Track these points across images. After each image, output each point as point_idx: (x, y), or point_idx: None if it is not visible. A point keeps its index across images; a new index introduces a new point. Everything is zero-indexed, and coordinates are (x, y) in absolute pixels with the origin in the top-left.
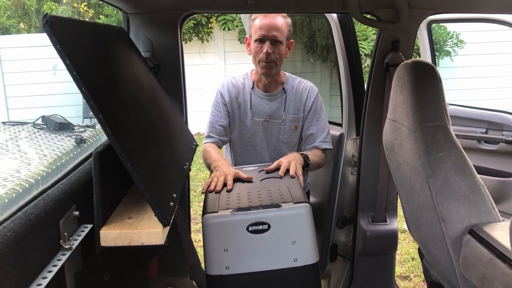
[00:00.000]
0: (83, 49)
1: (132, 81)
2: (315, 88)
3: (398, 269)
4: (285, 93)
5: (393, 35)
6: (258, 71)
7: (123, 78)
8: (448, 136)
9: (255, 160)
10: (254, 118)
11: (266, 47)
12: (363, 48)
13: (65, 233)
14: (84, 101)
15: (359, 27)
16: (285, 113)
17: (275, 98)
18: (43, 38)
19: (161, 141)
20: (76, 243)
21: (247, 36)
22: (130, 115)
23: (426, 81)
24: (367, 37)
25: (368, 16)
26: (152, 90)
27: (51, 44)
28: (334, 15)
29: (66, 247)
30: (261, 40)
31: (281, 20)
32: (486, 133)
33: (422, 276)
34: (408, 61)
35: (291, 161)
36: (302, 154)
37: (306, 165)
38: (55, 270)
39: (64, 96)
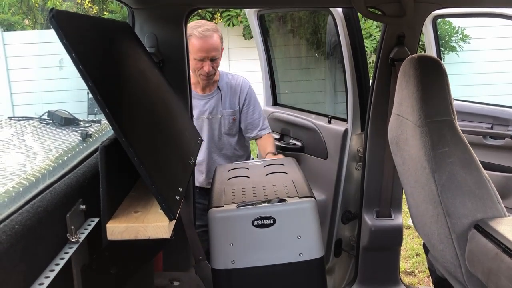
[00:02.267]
0: (89, 44)
1: (137, 76)
2: (246, 81)
3: (403, 265)
4: (220, 90)
5: (399, 29)
6: (197, 79)
7: (128, 72)
8: (454, 131)
9: (200, 157)
10: (196, 117)
11: (207, 66)
12: (367, 46)
13: (72, 227)
14: (89, 97)
15: (362, 25)
16: (223, 108)
17: (212, 97)
18: (48, 34)
19: (167, 136)
20: (83, 236)
21: None
22: (136, 110)
23: (432, 76)
24: (371, 34)
25: (373, 10)
26: (157, 85)
27: (56, 40)
28: (339, 10)
29: (73, 240)
30: (201, 60)
31: (216, 38)
32: (491, 128)
33: (427, 271)
34: (414, 55)
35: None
36: (273, 153)
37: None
38: (62, 263)
39: (69, 92)
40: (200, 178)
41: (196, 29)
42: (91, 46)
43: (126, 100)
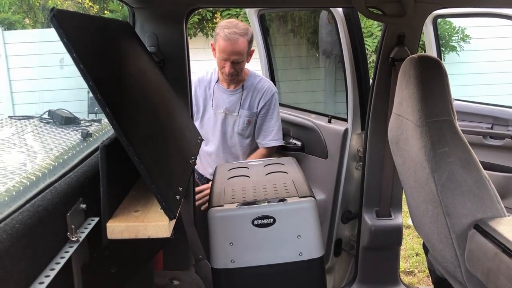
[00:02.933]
0: (90, 43)
1: (138, 75)
2: (272, 89)
3: (403, 265)
4: (243, 90)
5: (399, 29)
6: (220, 76)
7: (129, 72)
8: (453, 131)
9: (209, 149)
10: (214, 108)
11: (228, 67)
12: (368, 44)
13: (72, 226)
14: (89, 96)
15: (364, 23)
16: (240, 108)
17: (234, 94)
18: (49, 33)
19: (167, 135)
20: (83, 235)
21: (212, 42)
22: (136, 109)
23: (432, 76)
24: (372, 33)
25: (374, 10)
26: (158, 85)
27: (56, 39)
28: (340, 9)
29: (73, 239)
30: (224, 60)
31: (242, 43)
32: (491, 128)
33: (427, 271)
34: (414, 55)
35: None
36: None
37: None
38: (62, 262)
39: (69, 92)
40: (210, 170)
41: (224, 30)
42: (91, 45)
43: (126, 100)
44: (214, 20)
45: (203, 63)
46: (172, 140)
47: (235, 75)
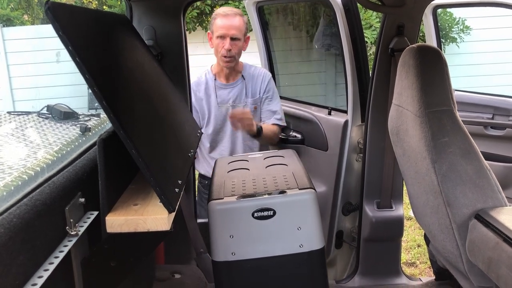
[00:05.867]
0: (86, 36)
1: (135, 69)
2: (268, 73)
3: (404, 256)
4: (244, 79)
5: (398, 20)
6: (220, 63)
7: (126, 65)
8: (454, 121)
9: (227, 143)
10: (220, 105)
11: (227, 43)
12: (367, 36)
13: (71, 220)
14: (89, 92)
15: (362, 15)
16: (246, 97)
17: (236, 86)
18: (48, 29)
19: (166, 128)
20: (82, 229)
21: (208, 32)
22: (134, 102)
23: (432, 66)
24: (371, 25)
25: (373, 0)
26: (156, 78)
27: (55, 34)
28: (339, 0)
29: (72, 233)
30: (222, 37)
31: (238, 20)
32: (492, 118)
33: (428, 262)
34: (413, 45)
35: (244, 119)
36: (257, 125)
37: (258, 135)
38: (61, 256)
39: (70, 87)
40: None
41: (220, 12)
42: (88, 38)
43: (123, 92)
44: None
45: (203, 57)
46: (171, 133)
47: (233, 56)
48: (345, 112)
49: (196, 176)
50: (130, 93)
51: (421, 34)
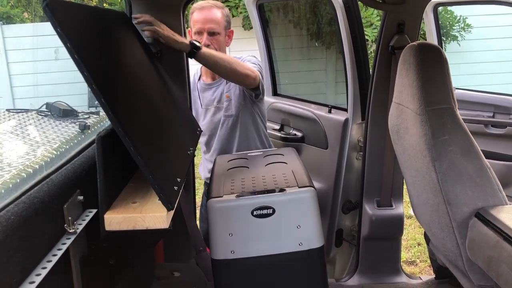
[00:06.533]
0: (85, 33)
1: (135, 66)
2: (249, 57)
3: (404, 255)
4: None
5: (399, 17)
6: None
7: (126, 62)
8: (454, 119)
9: (219, 147)
10: (204, 107)
11: (204, 39)
12: (368, 35)
13: (70, 218)
14: (89, 89)
15: (363, 13)
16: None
17: (217, 86)
18: (48, 27)
19: (165, 126)
20: (80, 227)
21: (189, 29)
22: (133, 99)
23: (432, 63)
24: (371, 23)
25: None
26: (155, 76)
27: (55, 33)
28: None
29: (70, 231)
30: (199, 33)
31: (216, 12)
32: (493, 117)
33: (428, 261)
34: (414, 43)
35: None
36: (194, 41)
37: (192, 54)
38: (60, 253)
39: (70, 85)
40: None
41: (198, 3)
42: (86, 35)
43: (123, 90)
44: None
45: None
46: (170, 131)
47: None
48: (345, 110)
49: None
50: (129, 91)
51: (421, 32)
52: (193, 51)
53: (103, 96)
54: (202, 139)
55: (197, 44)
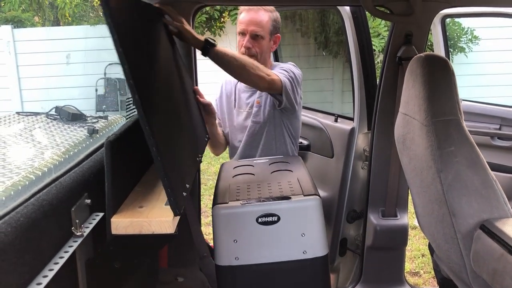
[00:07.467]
0: (131, 26)
1: (167, 65)
2: (289, 65)
3: (408, 265)
4: None
5: (406, 28)
6: None
7: (159, 60)
8: (460, 130)
9: (247, 149)
10: (237, 108)
11: (245, 41)
12: (375, 45)
13: (77, 221)
14: (97, 94)
15: (370, 23)
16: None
17: (254, 91)
18: (57, 31)
19: (182, 130)
20: (87, 230)
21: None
22: (160, 100)
23: (439, 75)
24: (379, 33)
25: (381, 8)
26: (180, 77)
27: (64, 37)
28: (347, 8)
29: (77, 234)
30: (242, 34)
31: (263, 15)
32: (499, 129)
33: (432, 272)
34: (421, 54)
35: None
36: (209, 39)
37: (206, 50)
38: (66, 256)
39: (78, 89)
40: None
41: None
42: (132, 28)
43: (154, 89)
44: (222, 19)
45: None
46: (185, 135)
47: (253, 55)
48: (352, 119)
49: None
50: (159, 90)
51: (429, 43)
52: (207, 48)
53: (138, 93)
54: (230, 142)
55: (212, 41)
